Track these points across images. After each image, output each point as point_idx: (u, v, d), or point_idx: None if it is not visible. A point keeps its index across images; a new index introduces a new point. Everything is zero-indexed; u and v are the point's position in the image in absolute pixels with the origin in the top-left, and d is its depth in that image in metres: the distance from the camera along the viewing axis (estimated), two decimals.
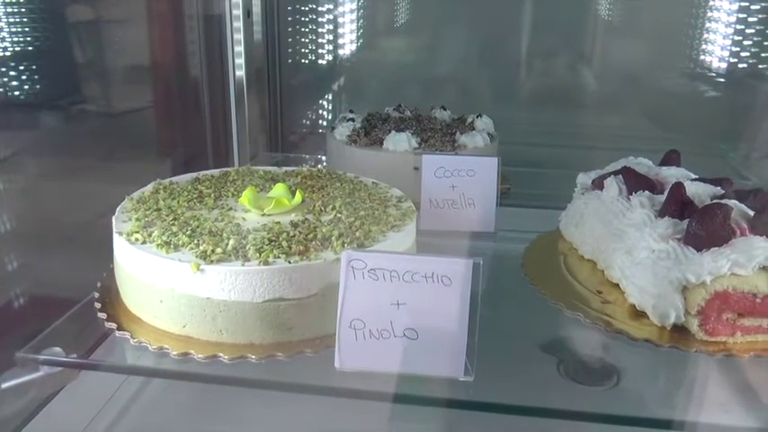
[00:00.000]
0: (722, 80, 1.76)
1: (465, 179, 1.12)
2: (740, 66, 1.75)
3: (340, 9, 1.74)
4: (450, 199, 1.13)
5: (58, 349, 0.84)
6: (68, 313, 0.91)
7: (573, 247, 1.10)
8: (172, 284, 0.82)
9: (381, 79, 1.82)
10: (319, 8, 1.72)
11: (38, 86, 1.16)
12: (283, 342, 0.82)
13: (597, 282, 1.00)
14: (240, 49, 1.45)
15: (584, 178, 1.15)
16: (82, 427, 0.99)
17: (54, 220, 1.14)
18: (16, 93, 1.11)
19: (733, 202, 0.92)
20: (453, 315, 0.75)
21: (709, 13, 1.75)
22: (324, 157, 1.59)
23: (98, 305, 0.90)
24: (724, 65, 1.75)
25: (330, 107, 1.89)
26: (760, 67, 1.75)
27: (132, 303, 0.88)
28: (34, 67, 1.15)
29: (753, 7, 1.70)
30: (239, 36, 1.45)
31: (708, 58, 1.76)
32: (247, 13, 1.46)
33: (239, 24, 1.44)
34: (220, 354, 0.80)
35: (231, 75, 1.45)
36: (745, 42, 1.74)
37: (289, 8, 1.69)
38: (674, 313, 0.85)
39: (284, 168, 1.14)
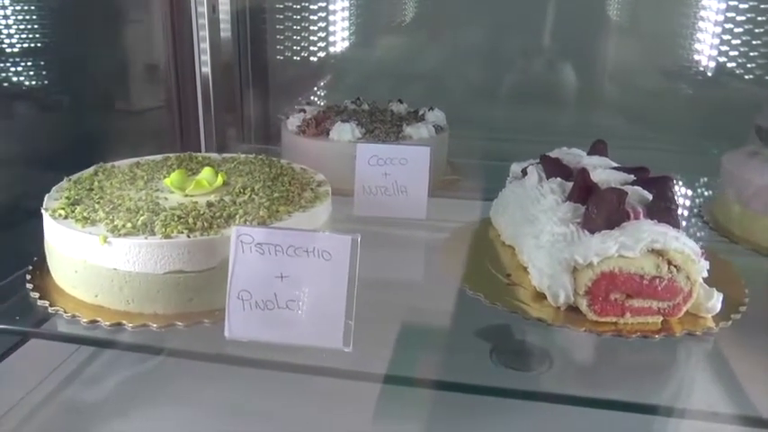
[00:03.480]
0: (707, 78, 1.75)
1: (398, 167, 1.16)
2: (727, 65, 1.73)
3: (315, 6, 1.79)
4: (382, 186, 1.16)
5: None
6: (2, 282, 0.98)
7: (498, 234, 1.12)
8: (84, 256, 0.87)
9: (356, 75, 1.86)
10: (292, 5, 1.77)
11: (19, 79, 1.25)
12: (185, 312, 0.87)
13: (514, 266, 1.02)
14: (206, 45, 1.51)
15: (515, 167, 1.17)
16: (20, 395, 1.06)
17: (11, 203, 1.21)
18: None
19: (634, 188, 0.93)
20: (333, 288, 0.79)
21: (697, 12, 1.74)
22: None
23: (29, 276, 0.97)
24: (709, 63, 1.74)
25: (310, 101, 1.94)
26: (748, 66, 1.73)
27: (56, 275, 0.94)
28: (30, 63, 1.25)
29: (741, 6, 1.69)
30: (204, 33, 1.51)
31: (693, 56, 1.75)
32: (212, 9, 1.52)
33: (204, 21, 1.50)
34: (125, 322, 0.85)
35: (198, 70, 1.51)
36: (734, 41, 1.73)
37: (261, 5, 1.74)
38: (563, 293, 0.87)
39: (223, 155, 1.19)
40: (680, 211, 1.36)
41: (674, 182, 0.94)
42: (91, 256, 0.87)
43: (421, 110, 1.47)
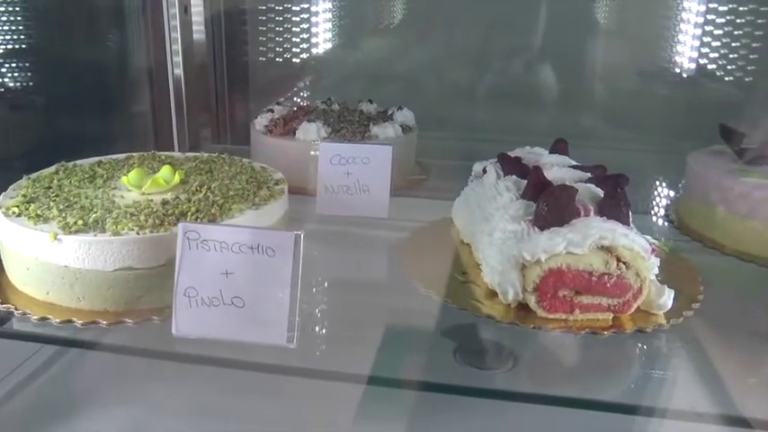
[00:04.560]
0: (687, 80, 1.75)
1: (360, 166, 1.16)
2: (707, 66, 1.74)
3: (297, 8, 1.80)
4: (344, 185, 1.16)
5: None
6: None
7: (459, 232, 1.12)
8: (36, 253, 0.88)
9: (337, 76, 1.86)
10: (274, 6, 1.78)
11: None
12: (136, 309, 0.87)
13: (471, 264, 1.02)
14: (177, 47, 1.52)
15: (477, 167, 1.17)
16: None
17: None
18: None
19: (586, 186, 0.94)
20: (277, 285, 0.79)
21: (678, 15, 1.74)
22: None
23: None
24: (690, 65, 1.75)
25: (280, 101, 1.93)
26: (728, 68, 1.74)
27: (9, 272, 0.95)
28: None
29: (720, 8, 1.70)
30: (176, 34, 1.51)
31: (673, 58, 1.75)
32: (184, 10, 1.53)
33: (176, 23, 1.50)
34: (74, 319, 0.86)
35: (170, 71, 1.52)
36: (714, 44, 1.73)
37: (241, 6, 1.75)
38: (512, 290, 0.87)
39: (186, 154, 1.20)
40: (656, 210, 1.37)
41: (628, 180, 0.94)
42: (42, 253, 0.87)
43: (390, 110, 1.47)
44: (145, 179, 1.01)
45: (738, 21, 1.69)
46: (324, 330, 0.94)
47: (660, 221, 1.30)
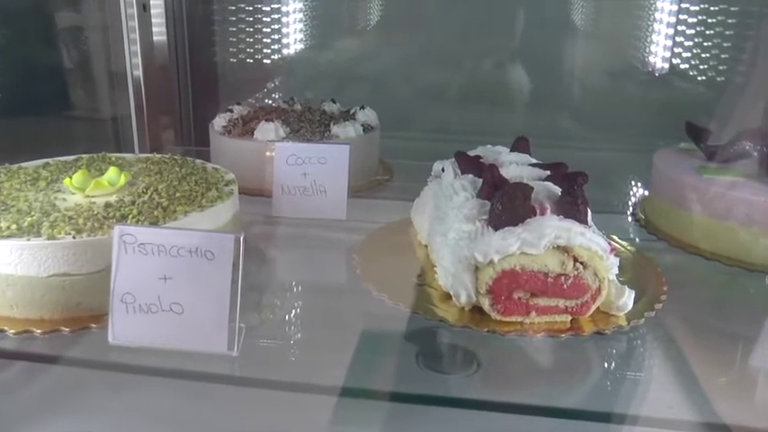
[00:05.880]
0: (662, 80, 1.74)
1: (316, 167, 1.13)
2: (680, 66, 1.73)
3: (267, 8, 1.77)
4: (301, 186, 1.13)
5: None
6: None
7: (417, 233, 1.09)
8: None
9: (307, 76, 1.84)
10: (245, 7, 1.75)
11: None
12: (73, 317, 0.84)
13: (429, 266, 0.99)
14: (136, 47, 1.47)
15: (437, 166, 1.14)
16: None
17: None
18: None
19: (544, 184, 0.91)
20: (216, 290, 0.76)
21: (651, 15, 1.73)
22: None
23: None
24: (661, 64, 1.73)
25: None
26: (701, 67, 1.72)
27: None
28: None
29: (692, 8, 1.69)
30: (135, 35, 1.47)
31: (644, 57, 1.74)
32: (143, 8, 1.48)
33: (134, 23, 1.46)
34: (6, 328, 0.82)
35: (129, 72, 1.48)
36: (686, 43, 1.72)
37: (210, 6, 1.72)
38: (464, 292, 0.84)
39: (138, 155, 1.16)
40: (626, 209, 1.35)
41: (586, 177, 0.90)
42: None
43: (352, 109, 1.44)
44: (89, 181, 0.97)
45: (710, 20, 1.69)
46: (276, 336, 0.90)
47: (628, 220, 1.28)
